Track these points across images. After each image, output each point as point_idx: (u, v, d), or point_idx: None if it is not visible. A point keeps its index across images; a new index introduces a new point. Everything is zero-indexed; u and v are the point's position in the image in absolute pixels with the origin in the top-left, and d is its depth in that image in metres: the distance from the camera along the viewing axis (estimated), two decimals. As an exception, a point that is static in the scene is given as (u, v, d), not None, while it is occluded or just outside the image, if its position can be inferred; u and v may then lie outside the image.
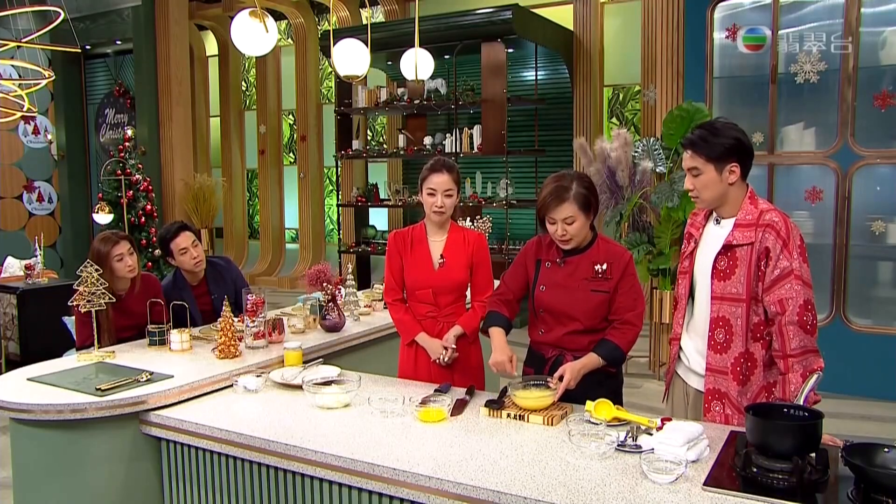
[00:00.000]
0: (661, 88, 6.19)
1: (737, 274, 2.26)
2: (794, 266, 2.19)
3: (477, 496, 1.84)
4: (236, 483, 2.36)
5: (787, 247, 2.20)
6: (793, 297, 2.18)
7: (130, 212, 7.72)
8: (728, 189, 2.29)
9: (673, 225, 5.70)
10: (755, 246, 2.22)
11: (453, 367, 2.95)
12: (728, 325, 2.28)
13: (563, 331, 2.57)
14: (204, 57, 11.55)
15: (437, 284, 2.96)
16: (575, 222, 2.48)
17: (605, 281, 2.52)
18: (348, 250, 8.90)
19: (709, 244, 2.38)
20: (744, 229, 2.26)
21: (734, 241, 2.27)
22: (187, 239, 3.60)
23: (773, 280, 2.20)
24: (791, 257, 2.19)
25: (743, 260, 2.25)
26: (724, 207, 2.34)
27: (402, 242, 3.00)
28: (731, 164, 2.26)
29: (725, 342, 2.29)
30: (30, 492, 2.53)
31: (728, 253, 2.28)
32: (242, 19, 3.26)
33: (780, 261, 2.19)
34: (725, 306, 2.28)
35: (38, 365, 2.90)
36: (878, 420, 4.86)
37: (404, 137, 8.54)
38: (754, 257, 2.22)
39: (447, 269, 2.97)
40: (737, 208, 2.31)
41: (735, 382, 2.29)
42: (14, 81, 7.71)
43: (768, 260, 2.21)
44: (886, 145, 5.26)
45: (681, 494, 1.77)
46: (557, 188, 2.48)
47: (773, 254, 2.20)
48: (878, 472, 1.73)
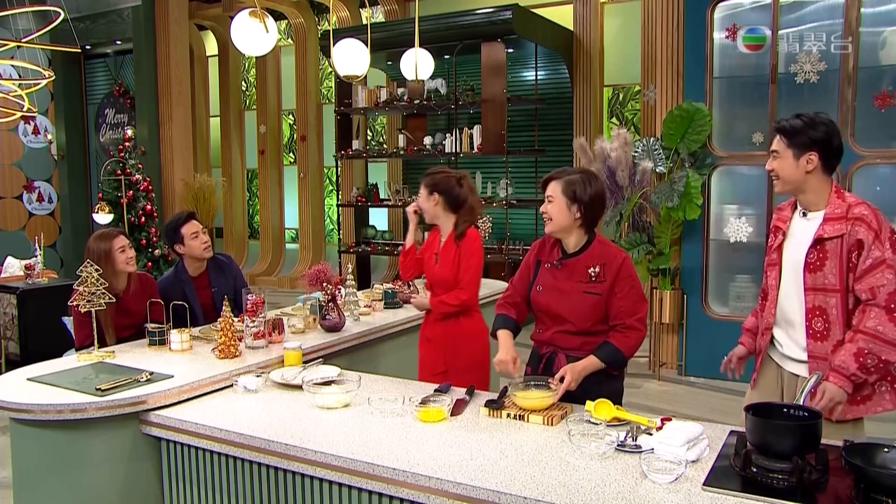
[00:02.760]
0: (661, 88, 6.18)
1: (828, 265, 2.32)
2: (885, 256, 2.26)
3: (477, 496, 1.84)
4: (236, 483, 2.36)
5: (879, 238, 2.27)
6: (884, 285, 2.25)
7: (130, 212, 7.71)
8: (806, 178, 2.35)
9: (673, 225, 5.71)
10: (845, 238, 2.29)
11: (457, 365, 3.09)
12: (825, 314, 2.34)
13: (555, 329, 2.60)
14: (204, 57, 11.55)
15: (431, 278, 3.35)
16: (553, 203, 2.54)
17: (598, 283, 2.53)
18: (348, 250, 8.90)
19: (797, 237, 2.43)
20: (834, 222, 2.32)
21: (825, 235, 2.33)
22: (196, 225, 3.70)
23: (866, 269, 2.27)
24: (883, 247, 2.27)
25: (833, 252, 2.31)
26: (806, 197, 2.39)
27: (430, 235, 3.37)
28: (810, 154, 2.32)
29: (825, 330, 2.34)
30: (30, 492, 2.53)
31: (818, 246, 2.34)
32: (242, 19, 3.26)
33: (872, 251, 2.26)
34: (819, 296, 2.34)
35: (38, 365, 2.90)
36: (878, 420, 4.85)
37: (404, 137, 8.54)
38: (845, 249, 2.29)
39: (441, 266, 3.27)
40: (822, 201, 2.37)
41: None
42: (14, 81, 7.70)
43: (860, 251, 2.28)
44: (886, 145, 5.26)
45: (681, 494, 1.77)
46: (560, 170, 2.61)
47: (866, 244, 2.27)
48: (878, 472, 1.73)
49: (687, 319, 5.84)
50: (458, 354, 3.16)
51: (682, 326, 5.91)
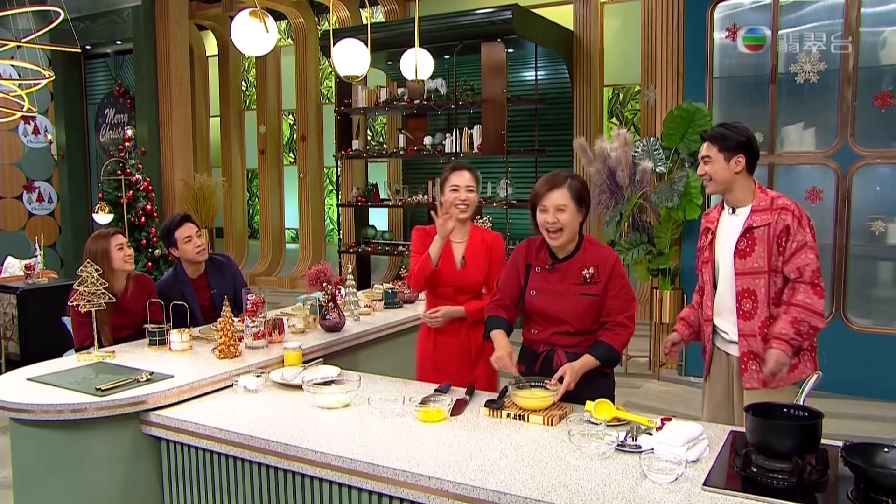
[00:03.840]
0: (661, 88, 6.18)
1: (756, 251, 2.63)
2: (807, 239, 2.60)
3: (477, 496, 1.84)
4: (236, 483, 2.36)
5: (801, 224, 2.60)
6: (808, 264, 2.58)
7: (130, 212, 7.71)
8: (735, 178, 2.66)
9: (673, 225, 5.71)
10: (772, 226, 2.60)
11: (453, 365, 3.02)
12: (753, 294, 2.64)
13: (553, 330, 2.61)
14: (204, 57, 11.55)
15: (458, 284, 3.07)
16: (566, 212, 2.50)
17: (593, 285, 2.55)
18: (348, 250, 8.90)
19: (726, 232, 2.72)
20: (761, 213, 2.64)
21: (754, 224, 2.63)
22: (191, 228, 3.68)
23: (793, 251, 2.59)
24: (804, 232, 2.60)
25: (761, 239, 2.62)
26: (734, 195, 2.69)
27: (427, 237, 3.06)
28: (738, 157, 2.64)
29: (752, 309, 2.65)
30: (30, 492, 2.53)
31: (748, 234, 2.64)
32: (242, 19, 3.26)
33: (797, 235, 2.59)
34: (748, 279, 2.65)
35: (38, 365, 2.90)
36: (878, 420, 4.86)
37: (404, 137, 8.54)
38: (772, 235, 2.60)
39: (468, 270, 3.08)
40: (748, 197, 2.68)
41: (764, 342, 2.61)
42: (14, 81, 7.70)
43: (788, 236, 2.59)
44: (886, 145, 5.26)
45: (681, 494, 1.77)
46: (553, 176, 2.58)
47: (792, 230, 2.59)
48: (878, 472, 1.73)
49: (687, 319, 5.83)
50: (484, 355, 2.98)
51: (682, 326, 5.91)
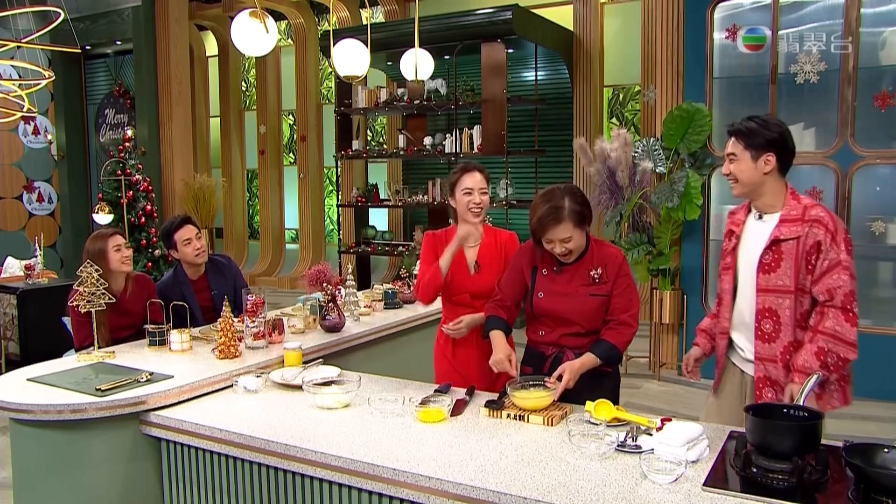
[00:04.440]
0: (661, 88, 6.18)
1: (783, 267, 2.33)
2: (841, 258, 2.28)
3: (477, 496, 1.84)
4: (236, 483, 2.36)
5: (835, 240, 2.29)
6: (840, 286, 2.27)
7: (130, 212, 7.71)
8: (763, 179, 2.36)
9: (673, 225, 5.71)
10: (802, 240, 2.30)
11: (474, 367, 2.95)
12: (775, 315, 2.35)
13: (562, 332, 2.59)
14: (204, 57, 11.55)
15: (474, 290, 2.97)
16: (572, 240, 2.48)
17: (602, 285, 2.54)
18: (348, 250, 8.90)
19: (752, 239, 2.44)
20: (790, 224, 2.33)
21: (781, 236, 2.33)
22: (190, 231, 3.67)
23: (823, 271, 2.29)
24: (839, 249, 2.28)
25: (789, 253, 2.32)
26: (762, 200, 2.40)
27: (439, 243, 3.00)
28: (767, 155, 2.33)
29: (773, 332, 2.36)
30: (30, 492, 2.53)
31: (774, 247, 2.35)
32: (242, 19, 3.26)
33: (829, 252, 2.28)
34: (771, 297, 2.35)
35: (38, 365, 2.90)
36: (878, 420, 4.86)
37: (404, 138, 8.54)
38: (802, 251, 2.30)
39: (482, 275, 2.98)
40: (778, 203, 2.38)
41: (785, 370, 2.34)
42: (14, 81, 7.71)
43: (818, 254, 2.29)
44: (886, 145, 5.26)
45: (681, 495, 1.77)
46: (551, 209, 2.44)
47: (824, 247, 2.28)
48: (878, 472, 1.73)
49: (687, 319, 5.83)
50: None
51: (682, 326, 5.91)
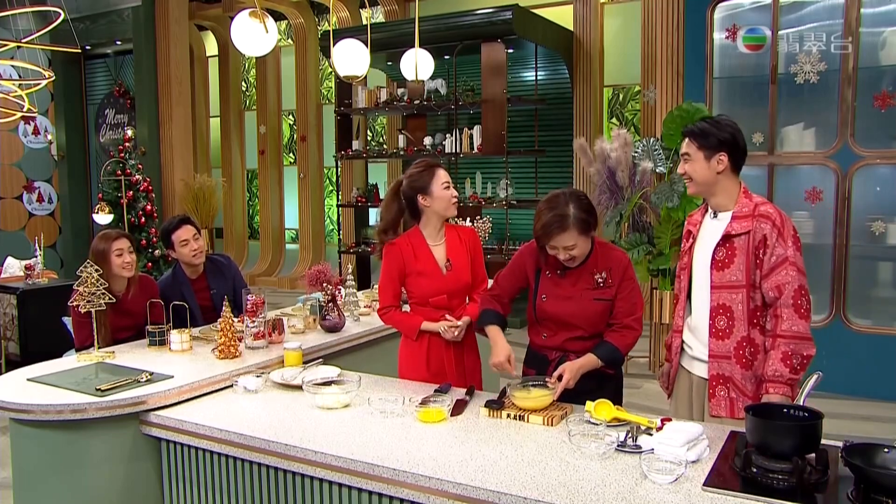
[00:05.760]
0: (661, 89, 6.19)
1: (735, 263, 2.36)
2: (788, 254, 2.31)
3: (477, 496, 1.84)
4: (236, 483, 2.36)
5: (782, 235, 2.32)
6: (788, 283, 2.29)
7: (130, 212, 7.72)
8: (717, 178, 2.40)
9: (673, 225, 5.70)
10: (752, 234, 2.34)
11: (452, 368, 2.91)
12: (729, 311, 2.37)
13: (566, 336, 2.58)
14: (204, 57, 11.55)
15: (450, 288, 2.90)
16: (577, 246, 2.46)
17: (606, 289, 2.53)
18: (348, 250, 8.90)
19: (706, 237, 2.47)
20: (741, 220, 2.37)
21: (733, 231, 2.37)
22: (188, 231, 3.66)
23: (771, 267, 2.32)
24: (786, 245, 2.31)
25: (741, 249, 2.35)
26: (717, 198, 2.44)
27: (403, 253, 2.88)
28: (720, 155, 2.38)
29: (727, 328, 2.38)
30: (30, 492, 2.53)
31: (727, 243, 2.38)
32: (242, 20, 3.26)
33: (776, 248, 2.31)
34: (725, 294, 2.38)
35: (38, 365, 2.90)
36: (878, 420, 4.86)
37: (404, 138, 8.54)
38: (751, 245, 2.34)
39: (455, 272, 2.91)
40: (732, 201, 2.42)
41: (739, 366, 2.37)
42: (14, 81, 7.71)
43: (765, 248, 2.32)
44: (886, 145, 5.26)
45: (681, 495, 1.77)
46: (556, 217, 2.43)
47: (770, 242, 2.32)
48: (878, 472, 1.73)
49: (687, 320, 5.82)
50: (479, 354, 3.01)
51: (682, 327, 5.90)
